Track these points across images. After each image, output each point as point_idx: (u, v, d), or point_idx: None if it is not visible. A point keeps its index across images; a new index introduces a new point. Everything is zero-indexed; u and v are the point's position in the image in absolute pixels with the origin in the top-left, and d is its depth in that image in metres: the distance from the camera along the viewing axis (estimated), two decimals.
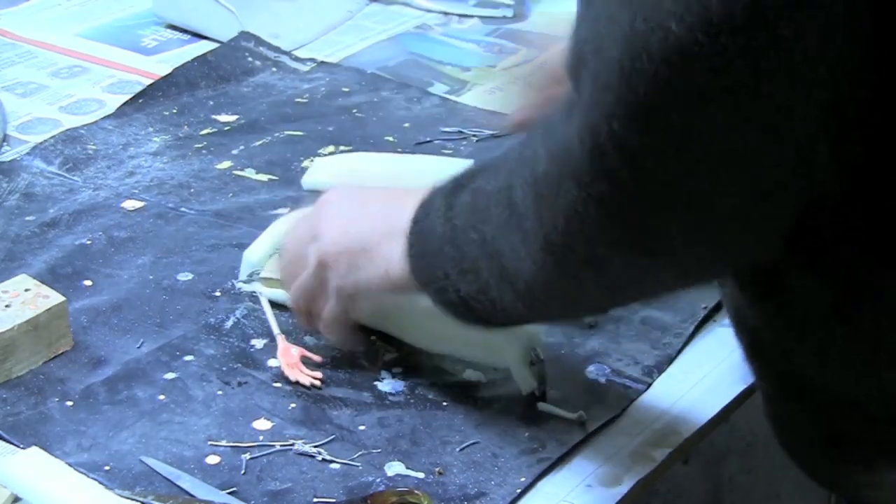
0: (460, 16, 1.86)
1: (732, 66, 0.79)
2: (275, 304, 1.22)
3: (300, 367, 1.16)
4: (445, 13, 1.86)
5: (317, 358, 1.17)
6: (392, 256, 1.06)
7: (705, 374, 1.19)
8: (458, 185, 1.02)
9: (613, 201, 0.86)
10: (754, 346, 0.97)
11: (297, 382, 1.15)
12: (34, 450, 1.05)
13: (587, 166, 0.86)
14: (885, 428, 0.90)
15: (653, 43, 0.79)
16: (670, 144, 0.83)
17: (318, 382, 1.15)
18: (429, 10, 1.87)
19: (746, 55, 0.78)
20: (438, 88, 1.67)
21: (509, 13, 1.85)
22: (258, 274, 1.25)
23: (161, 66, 1.71)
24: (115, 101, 1.62)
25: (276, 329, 1.18)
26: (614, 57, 0.81)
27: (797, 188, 0.85)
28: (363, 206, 1.12)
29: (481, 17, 1.85)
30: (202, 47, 1.75)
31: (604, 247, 0.89)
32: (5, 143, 1.53)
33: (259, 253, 1.27)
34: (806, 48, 0.79)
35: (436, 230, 1.02)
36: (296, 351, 1.17)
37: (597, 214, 0.87)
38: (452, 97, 1.65)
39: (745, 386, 1.15)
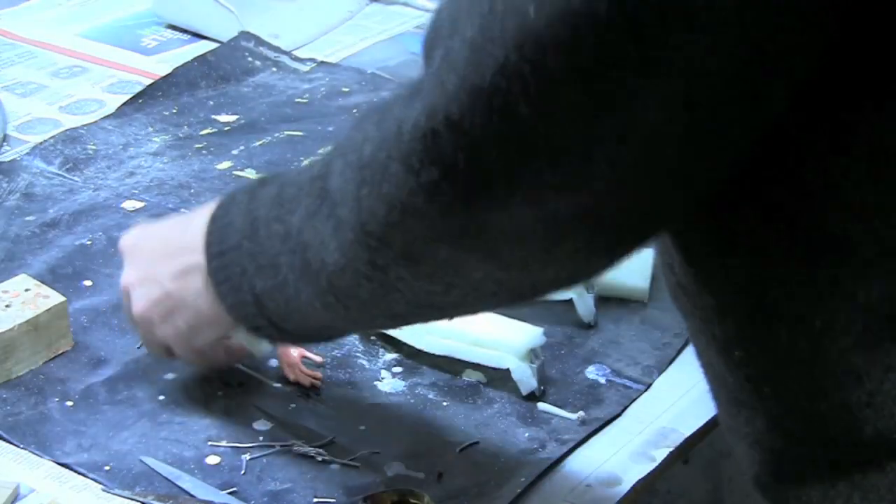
0: None
1: (588, 60, 0.74)
2: None
3: (300, 367, 1.16)
4: None
5: (317, 358, 1.17)
6: (193, 290, 1.03)
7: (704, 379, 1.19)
8: (263, 179, 0.99)
9: (442, 190, 0.81)
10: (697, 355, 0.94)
11: (297, 382, 1.15)
12: None
13: (419, 150, 0.80)
14: (804, 444, 0.87)
15: (508, 27, 0.75)
16: (515, 133, 0.77)
17: (317, 382, 1.15)
18: (429, 10, 1.87)
19: (604, 52, 0.74)
20: None
21: None
22: None
23: (161, 66, 1.71)
24: (115, 101, 1.62)
25: None
26: (467, 36, 0.77)
27: (638, 189, 0.80)
28: (154, 249, 1.09)
29: None
30: (202, 47, 1.75)
31: (423, 241, 0.84)
32: (5, 143, 1.53)
33: None
34: (671, 63, 0.74)
35: (235, 224, 0.98)
36: (295, 351, 1.17)
37: (423, 204, 0.82)
38: None
39: None
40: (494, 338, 1.16)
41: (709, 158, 0.80)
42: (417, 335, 1.18)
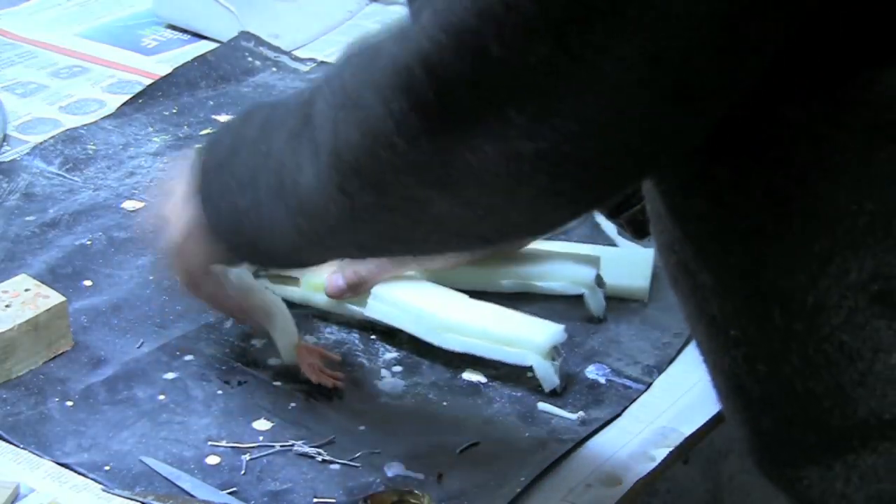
0: None
1: (560, 7, 0.76)
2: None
3: (322, 369, 1.15)
4: None
5: (336, 357, 1.17)
6: (184, 198, 1.06)
7: (705, 373, 1.18)
8: (259, 104, 1.01)
9: (412, 122, 0.83)
10: (697, 341, 0.95)
11: (319, 384, 1.15)
12: None
13: (396, 84, 0.82)
14: (799, 425, 0.87)
15: None
16: (485, 73, 0.79)
17: (339, 383, 1.15)
18: None
19: (576, 2, 0.76)
20: None
21: None
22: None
23: (161, 66, 1.71)
24: (115, 101, 1.62)
25: (294, 331, 1.17)
26: None
27: (602, 141, 0.81)
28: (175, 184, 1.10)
29: None
30: (202, 47, 1.75)
31: (391, 172, 0.86)
32: (5, 143, 1.53)
33: None
34: (641, 18, 0.76)
35: (224, 142, 1.01)
36: (315, 352, 1.16)
37: (392, 133, 0.84)
38: None
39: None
40: (515, 335, 1.16)
41: (675, 118, 0.81)
42: (435, 332, 1.18)
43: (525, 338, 1.15)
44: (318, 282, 1.23)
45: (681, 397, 1.16)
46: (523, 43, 0.78)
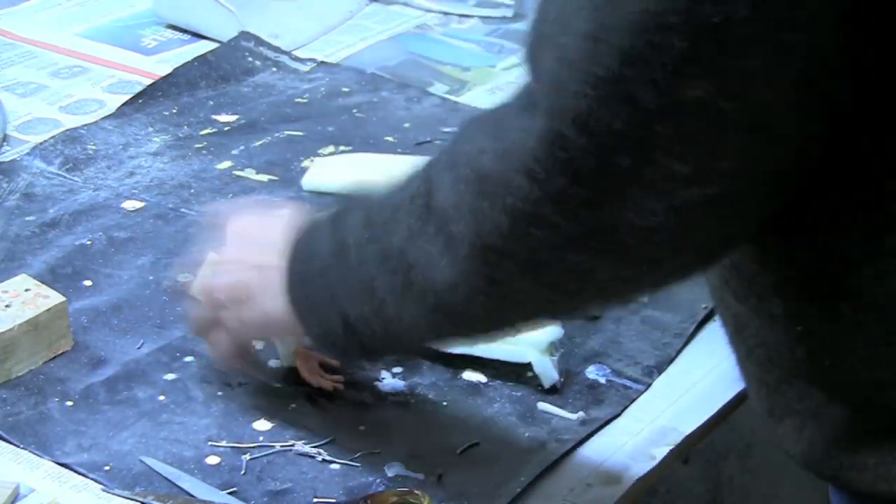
0: (460, 16, 1.86)
1: (714, 36, 0.74)
2: None
3: (321, 373, 1.15)
4: (445, 13, 1.87)
5: (334, 362, 1.17)
6: (273, 291, 1.02)
7: (705, 373, 1.19)
8: (345, 207, 0.98)
9: (571, 197, 0.81)
10: (738, 340, 0.95)
11: (320, 387, 1.15)
12: None
13: (546, 157, 0.80)
14: (863, 414, 0.89)
15: (630, 13, 0.75)
16: (641, 125, 0.77)
17: (340, 387, 1.15)
18: (429, 10, 1.87)
19: (728, 24, 0.74)
20: (438, 88, 1.67)
21: (509, 13, 1.85)
22: None
23: (161, 66, 1.71)
24: (115, 101, 1.62)
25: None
26: (581, 31, 0.77)
27: (764, 169, 0.81)
28: (254, 237, 1.08)
29: (481, 17, 1.85)
30: (202, 47, 1.75)
31: (549, 250, 0.84)
32: (5, 143, 1.53)
33: None
34: (790, 16, 0.75)
35: (319, 252, 0.97)
36: (313, 357, 1.16)
37: (550, 213, 0.82)
38: (452, 97, 1.65)
39: (745, 386, 1.15)
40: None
41: (820, 136, 0.81)
42: None
43: (523, 335, 1.15)
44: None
45: (681, 397, 1.16)
46: (676, 84, 0.76)
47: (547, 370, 1.15)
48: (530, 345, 1.15)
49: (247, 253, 1.07)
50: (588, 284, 0.87)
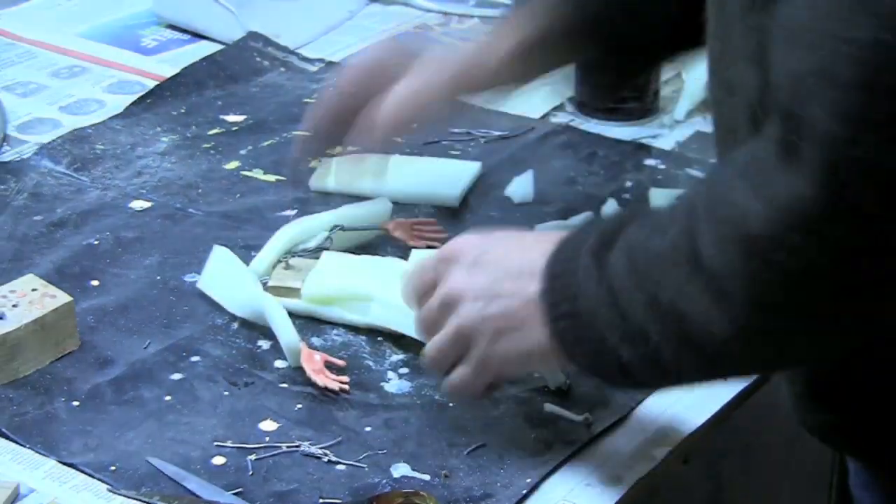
0: (460, 16, 1.86)
1: None
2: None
3: (326, 373, 1.15)
4: (445, 13, 1.87)
5: (340, 363, 1.17)
6: (532, 323, 1.00)
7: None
8: (605, 240, 0.96)
9: (853, 245, 0.81)
10: None
11: (326, 388, 1.15)
12: None
13: (825, 210, 0.80)
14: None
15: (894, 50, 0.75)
16: None
17: (345, 387, 1.15)
18: (429, 10, 1.87)
19: None
20: None
21: None
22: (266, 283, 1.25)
23: (161, 66, 1.71)
24: (114, 101, 1.62)
25: (296, 337, 1.17)
26: (851, 80, 0.77)
27: None
28: (494, 263, 1.04)
29: (481, 17, 1.85)
30: (202, 47, 1.75)
31: (830, 300, 0.85)
32: (5, 143, 1.54)
33: (265, 263, 1.27)
34: None
35: (587, 293, 0.96)
36: (319, 356, 1.16)
37: (830, 264, 0.82)
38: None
39: (744, 386, 1.15)
40: None
41: None
42: None
43: None
44: (319, 294, 1.23)
45: (681, 397, 1.15)
46: None
47: (553, 372, 1.15)
48: None
49: (498, 281, 1.03)
50: (865, 326, 0.88)
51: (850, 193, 0.79)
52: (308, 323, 1.22)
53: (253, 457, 1.08)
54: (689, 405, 1.14)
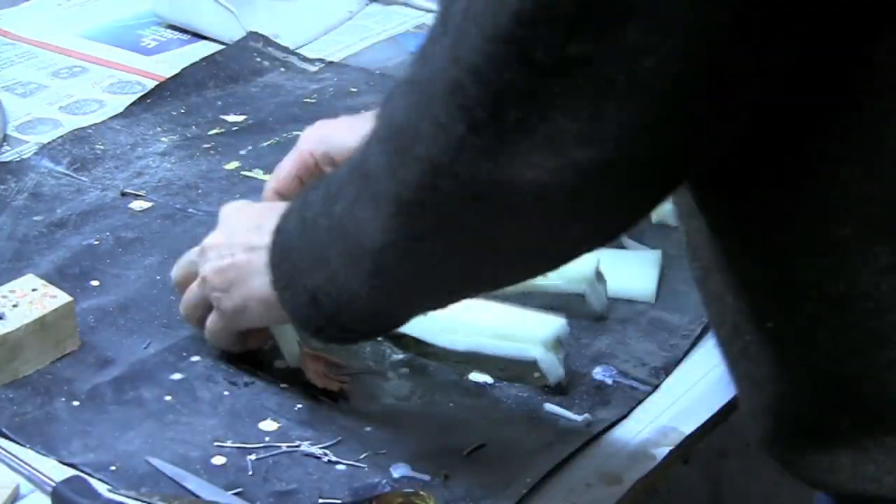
0: None
1: (597, 6, 0.76)
2: None
3: (327, 374, 1.15)
4: None
5: (340, 362, 1.17)
6: (260, 271, 1.05)
7: (705, 373, 1.19)
8: (315, 183, 1.01)
9: (469, 145, 0.82)
10: (726, 341, 0.95)
11: (326, 388, 1.15)
12: None
13: (447, 103, 0.82)
14: (832, 413, 0.89)
15: None
16: (531, 80, 0.78)
17: (345, 387, 1.15)
18: (429, 11, 1.87)
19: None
20: None
21: None
22: None
23: (161, 66, 1.71)
24: (114, 101, 1.62)
25: (295, 339, 1.17)
26: None
27: (663, 141, 0.81)
28: (242, 222, 1.12)
29: None
30: (202, 47, 1.75)
31: (455, 206, 0.86)
32: (5, 143, 1.54)
33: None
34: (677, 15, 0.76)
35: (291, 230, 1.01)
36: (319, 358, 1.16)
37: (452, 162, 0.83)
38: None
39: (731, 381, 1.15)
40: (518, 330, 1.16)
41: (717, 112, 0.81)
42: (438, 333, 1.18)
43: (528, 332, 1.15)
44: None
45: (681, 396, 1.16)
46: (564, 45, 0.77)
47: (553, 367, 1.15)
48: (536, 341, 1.15)
49: (236, 235, 1.10)
50: (493, 252, 0.90)
51: (465, 93, 0.81)
52: None
53: (253, 457, 1.08)
54: (689, 405, 1.15)
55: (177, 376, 1.17)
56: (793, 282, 0.86)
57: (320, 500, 1.04)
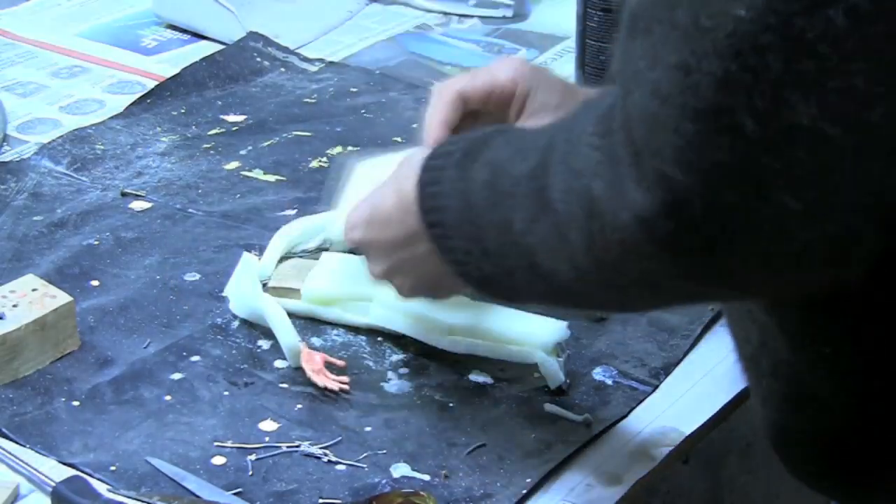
0: (460, 16, 1.86)
1: (810, 52, 0.70)
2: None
3: (326, 374, 1.15)
4: (445, 13, 1.87)
5: (340, 363, 1.17)
6: (413, 229, 1.01)
7: (705, 373, 1.19)
8: (470, 150, 0.96)
9: (679, 241, 0.76)
10: (753, 358, 0.94)
11: (326, 388, 1.15)
12: None
13: (650, 201, 0.76)
14: (888, 440, 0.87)
15: (720, 37, 0.71)
16: (746, 157, 0.72)
17: (345, 387, 1.15)
18: (429, 10, 1.87)
19: (824, 38, 0.70)
20: None
21: (509, 13, 1.85)
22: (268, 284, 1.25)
23: (161, 66, 1.71)
24: (114, 101, 1.62)
25: (295, 338, 1.17)
26: (674, 62, 0.73)
27: (891, 201, 0.75)
28: (381, 226, 1.07)
29: (481, 17, 1.85)
30: (202, 47, 1.75)
31: (662, 278, 0.81)
32: (5, 143, 1.54)
33: (268, 264, 1.27)
34: (889, 26, 0.70)
35: (450, 203, 0.96)
36: (319, 357, 1.16)
37: (658, 252, 0.78)
38: None
39: (745, 386, 1.15)
40: (519, 334, 1.16)
41: None
42: (440, 336, 1.18)
43: (529, 336, 1.15)
44: (318, 295, 1.23)
45: (681, 397, 1.16)
46: (778, 109, 0.71)
47: (553, 371, 1.15)
48: (537, 346, 1.15)
49: (394, 251, 1.06)
50: (703, 300, 0.92)
51: (672, 185, 0.75)
52: (308, 323, 1.22)
53: (253, 457, 1.08)
54: (689, 405, 1.15)
55: (177, 376, 1.17)
56: (862, 306, 0.82)
57: (320, 500, 1.04)
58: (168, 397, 1.15)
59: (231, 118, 1.59)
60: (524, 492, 1.05)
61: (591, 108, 0.84)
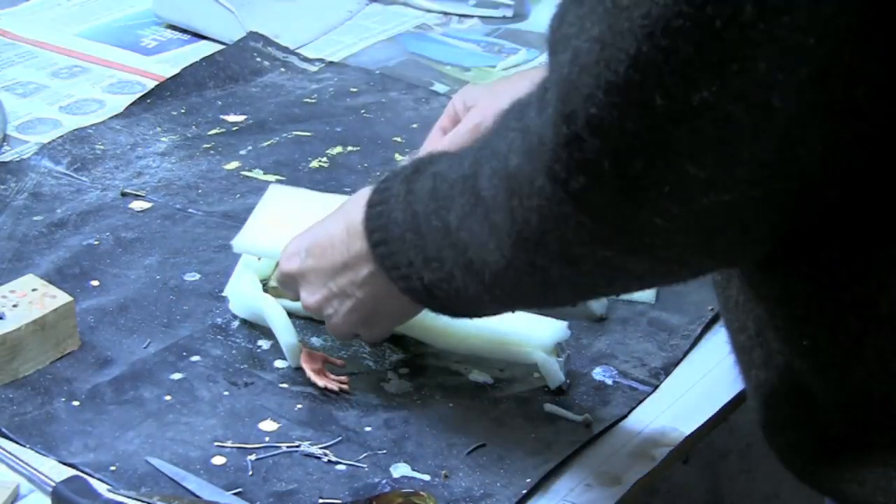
0: (460, 16, 1.86)
1: (718, 38, 0.74)
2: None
3: (326, 373, 1.15)
4: (445, 13, 1.87)
5: (339, 362, 1.17)
6: (358, 251, 1.05)
7: (705, 373, 1.19)
8: (416, 168, 1.00)
9: (592, 197, 0.81)
10: (745, 348, 0.95)
11: (326, 388, 1.15)
12: None
13: (564, 159, 0.81)
14: (867, 428, 0.88)
15: (635, 17, 0.75)
16: (654, 128, 0.77)
17: (345, 387, 1.15)
18: (429, 10, 1.87)
19: (732, 26, 0.74)
20: (439, 88, 1.67)
21: (509, 13, 1.85)
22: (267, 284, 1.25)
23: (161, 66, 1.71)
24: (114, 101, 1.62)
25: (295, 338, 1.17)
26: (594, 35, 0.77)
27: (786, 177, 0.80)
28: (323, 254, 1.10)
29: (481, 17, 1.85)
30: (202, 47, 1.75)
31: (579, 245, 0.85)
32: (5, 143, 1.54)
33: (267, 263, 1.27)
34: (794, 18, 0.74)
35: (396, 216, 1.00)
36: (318, 357, 1.16)
37: (573, 212, 0.83)
38: None
39: (744, 387, 1.15)
40: (519, 334, 1.16)
41: (847, 135, 0.79)
42: (438, 335, 1.18)
43: (529, 336, 1.16)
44: None
45: (681, 397, 1.16)
46: (686, 86, 0.76)
47: (553, 371, 1.15)
48: (537, 346, 1.15)
49: (334, 279, 1.09)
50: (623, 276, 0.89)
51: (584, 146, 0.80)
52: (308, 323, 1.22)
53: (253, 457, 1.08)
54: (689, 405, 1.15)
55: (177, 376, 1.17)
56: (838, 298, 0.85)
57: (320, 500, 1.04)
58: (168, 397, 1.15)
59: (231, 118, 1.59)
60: (524, 492, 1.05)
61: (515, 103, 0.89)
